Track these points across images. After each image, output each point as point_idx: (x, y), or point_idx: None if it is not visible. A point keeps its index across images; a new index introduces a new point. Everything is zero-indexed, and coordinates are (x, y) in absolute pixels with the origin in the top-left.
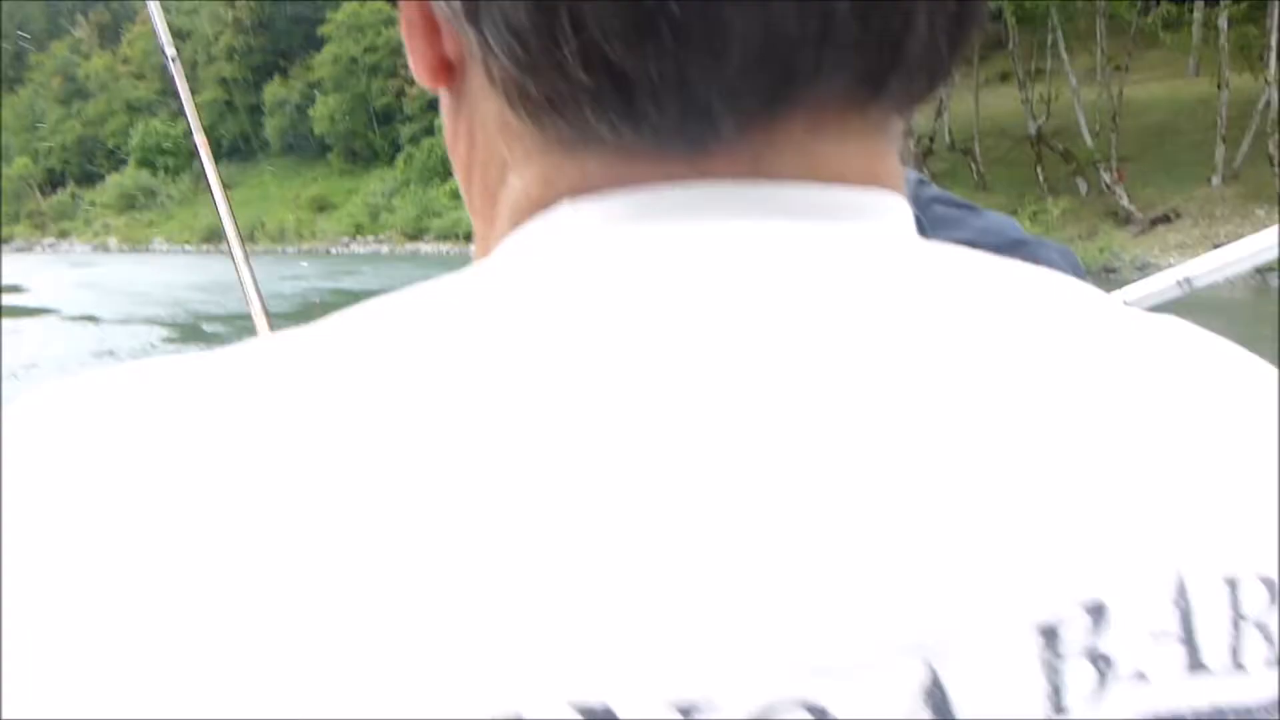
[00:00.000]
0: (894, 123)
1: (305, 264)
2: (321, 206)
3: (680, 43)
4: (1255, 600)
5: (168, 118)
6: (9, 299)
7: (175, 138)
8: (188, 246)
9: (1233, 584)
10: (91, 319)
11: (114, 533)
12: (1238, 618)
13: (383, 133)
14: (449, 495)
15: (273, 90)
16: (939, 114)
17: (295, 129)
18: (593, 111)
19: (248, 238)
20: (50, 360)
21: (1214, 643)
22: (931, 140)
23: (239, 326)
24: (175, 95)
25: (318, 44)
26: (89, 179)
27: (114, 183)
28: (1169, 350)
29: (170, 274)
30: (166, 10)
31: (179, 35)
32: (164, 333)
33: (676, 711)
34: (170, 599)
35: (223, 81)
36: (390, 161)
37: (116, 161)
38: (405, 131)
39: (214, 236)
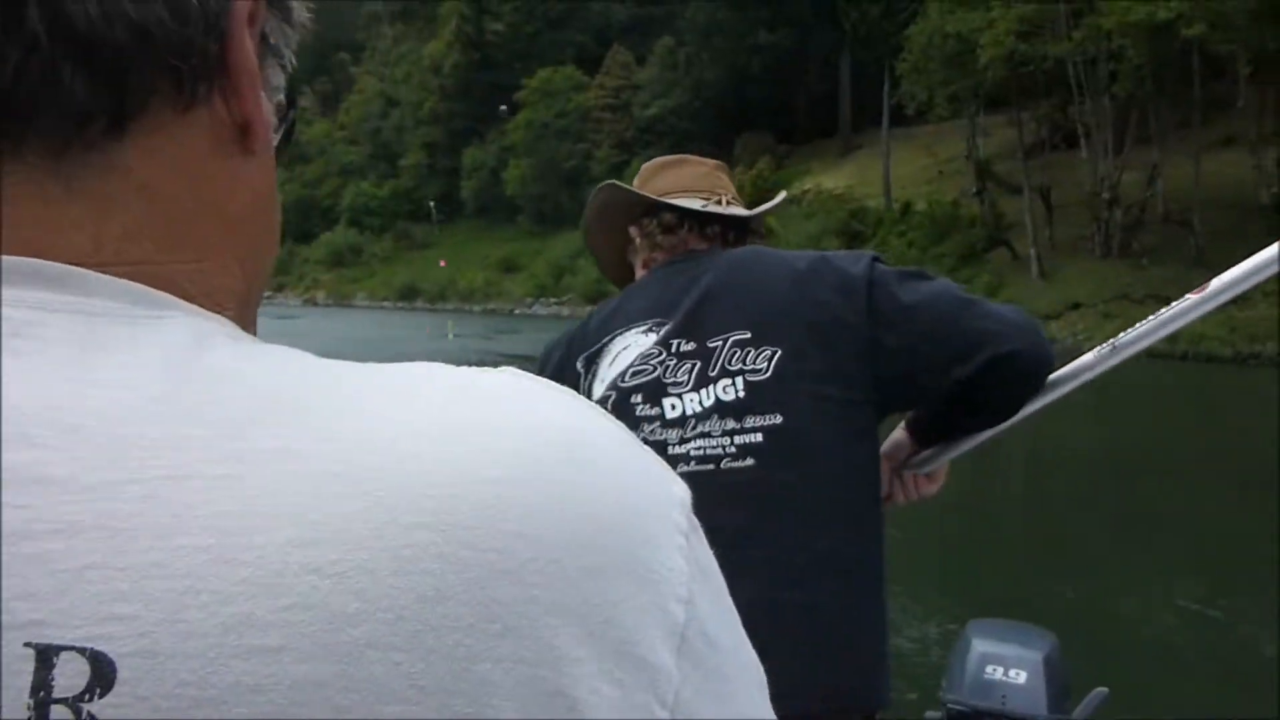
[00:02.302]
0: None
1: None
2: (509, 267)
3: None
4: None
5: (376, 180)
6: None
7: (382, 199)
8: (385, 302)
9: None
10: None
11: None
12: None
13: (570, 195)
14: None
15: (471, 154)
16: (1152, 181)
17: (489, 191)
18: None
19: (439, 296)
20: None
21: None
22: (1142, 210)
23: None
24: (384, 159)
25: (513, 109)
26: (305, 237)
27: (325, 240)
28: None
29: (363, 329)
30: (377, 78)
31: (390, 103)
32: None
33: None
34: None
35: (426, 146)
36: (576, 224)
37: (329, 221)
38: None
39: (410, 294)
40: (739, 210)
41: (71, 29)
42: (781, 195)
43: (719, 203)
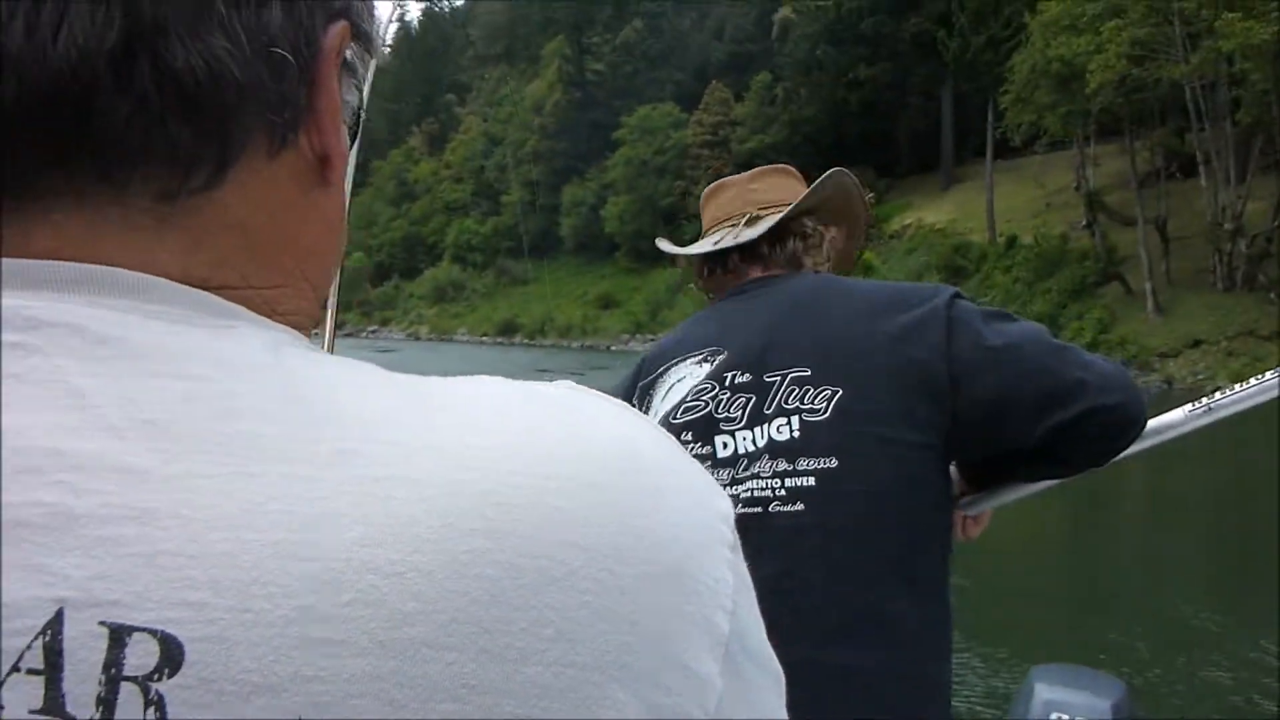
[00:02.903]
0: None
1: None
2: (606, 304)
3: None
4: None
5: (479, 218)
6: None
7: (484, 235)
8: (485, 338)
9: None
10: None
11: None
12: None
13: (667, 232)
14: None
15: (570, 191)
16: (1279, 210)
17: (588, 228)
18: None
19: (538, 331)
20: None
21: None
22: (1269, 241)
23: None
24: (487, 196)
25: (613, 147)
26: (410, 273)
27: (429, 276)
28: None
29: (459, 363)
30: (482, 118)
31: (493, 141)
32: None
33: None
34: None
35: (528, 184)
36: (674, 261)
37: (434, 257)
38: (689, 230)
39: (509, 329)
40: (751, 232)
41: (180, 86)
42: (811, 189)
43: (749, 220)
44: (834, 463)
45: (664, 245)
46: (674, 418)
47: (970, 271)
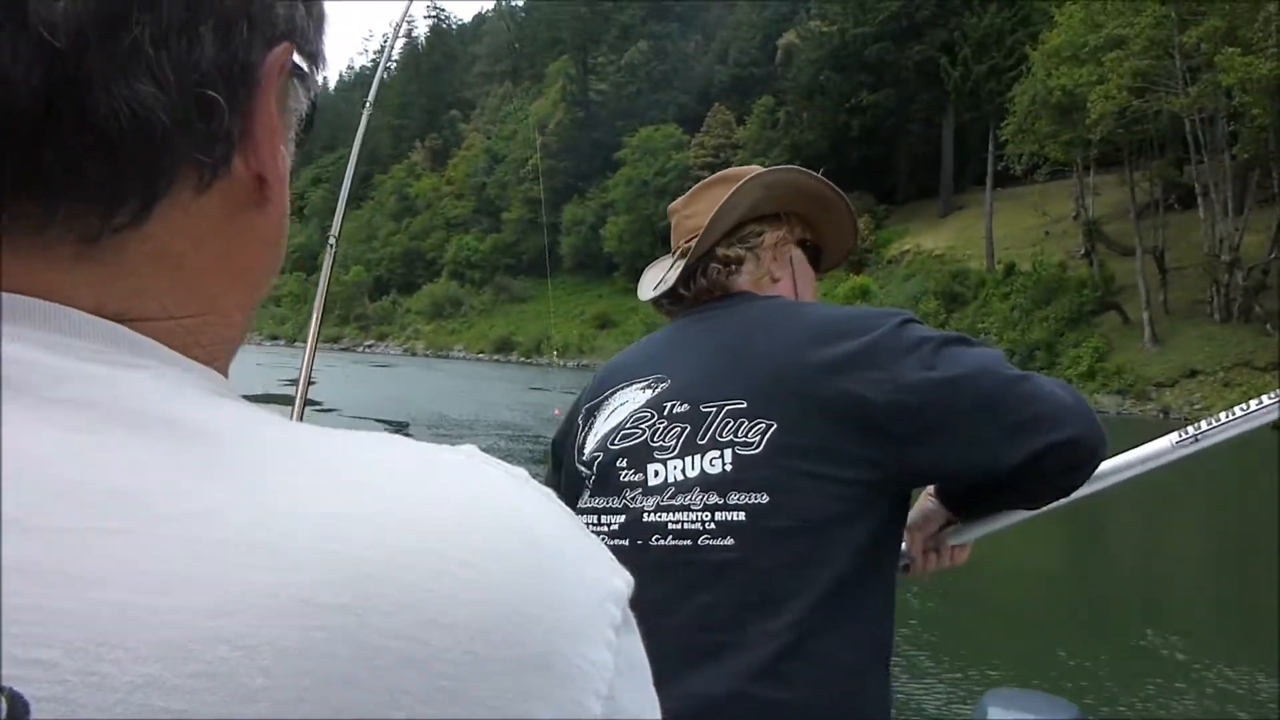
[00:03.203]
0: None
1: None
2: (603, 323)
3: None
4: None
5: (479, 234)
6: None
7: (484, 252)
8: (481, 355)
9: None
10: (330, 411)
11: None
12: None
13: (665, 253)
14: None
15: (570, 210)
16: (1276, 242)
17: (587, 248)
18: None
19: (534, 349)
20: None
21: None
22: (1265, 273)
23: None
24: (488, 213)
25: (614, 167)
26: (409, 288)
27: (427, 292)
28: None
29: (455, 380)
30: (485, 135)
31: (496, 158)
32: (374, 428)
33: None
34: None
35: (528, 201)
36: None
37: (432, 273)
38: None
39: (505, 347)
40: (674, 273)
41: (103, 133)
42: (728, 199)
43: (681, 254)
44: (765, 498)
45: (643, 295)
46: (612, 443)
47: (968, 298)
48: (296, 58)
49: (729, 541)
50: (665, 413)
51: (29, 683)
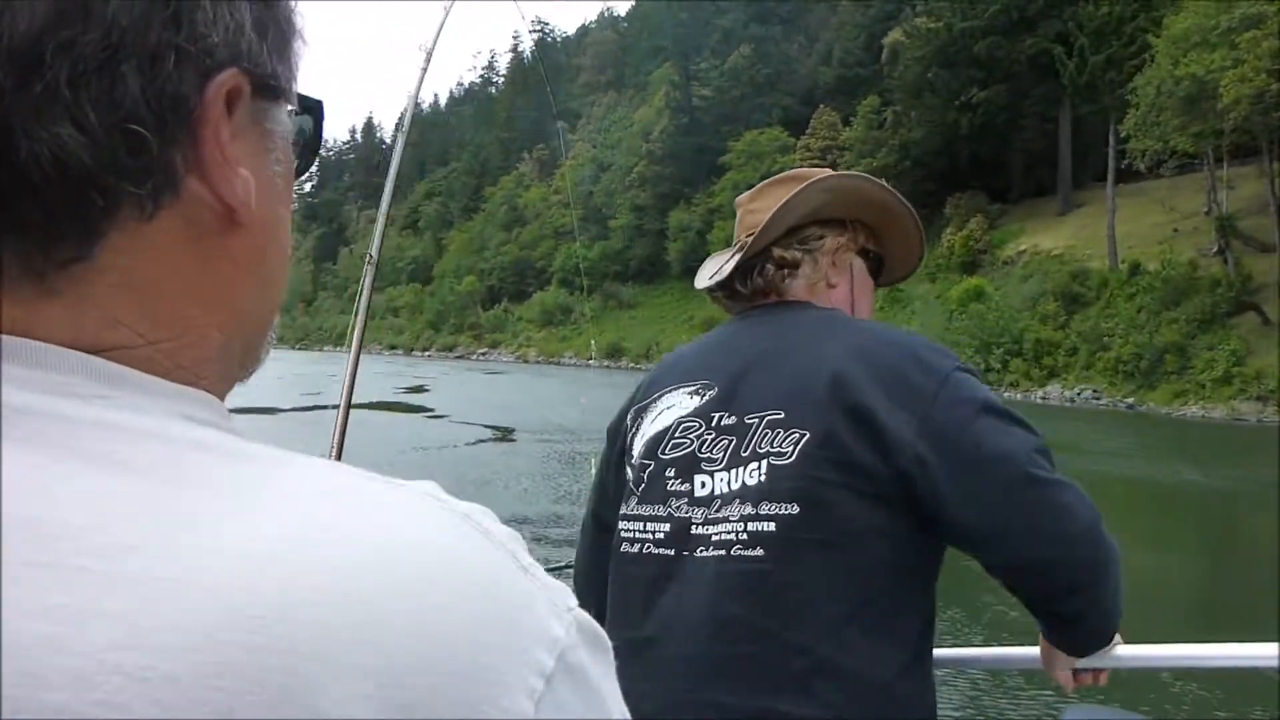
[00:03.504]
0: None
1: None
2: (711, 329)
3: None
4: None
5: (586, 242)
6: (411, 397)
7: (592, 260)
8: (591, 361)
9: None
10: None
11: None
12: None
13: None
14: None
15: (677, 216)
16: None
17: (695, 254)
18: None
19: (643, 355)
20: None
21: None
22: None
23: (543, 438)
24: (595, 221)
25: (719, 172)
26: (520, 296)
27: (538, 300)
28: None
29: (566, 385)
30: (591, 144)
31: (602, 167)
32: (483, 434)
33: None
34: None
35: (635, 209)
36: None
37: (542, 281)
38: None
39: (615, 353)
40: (733, 262)
41: (25, 178)
42: (797, 193)
43: (740, 249)
44: (795, 509)
45: (702, 287)
46: (661, 451)
47: (1090, 299)
48: (247, 81)
49: (759, 552)
50: (713, 424)
51: None
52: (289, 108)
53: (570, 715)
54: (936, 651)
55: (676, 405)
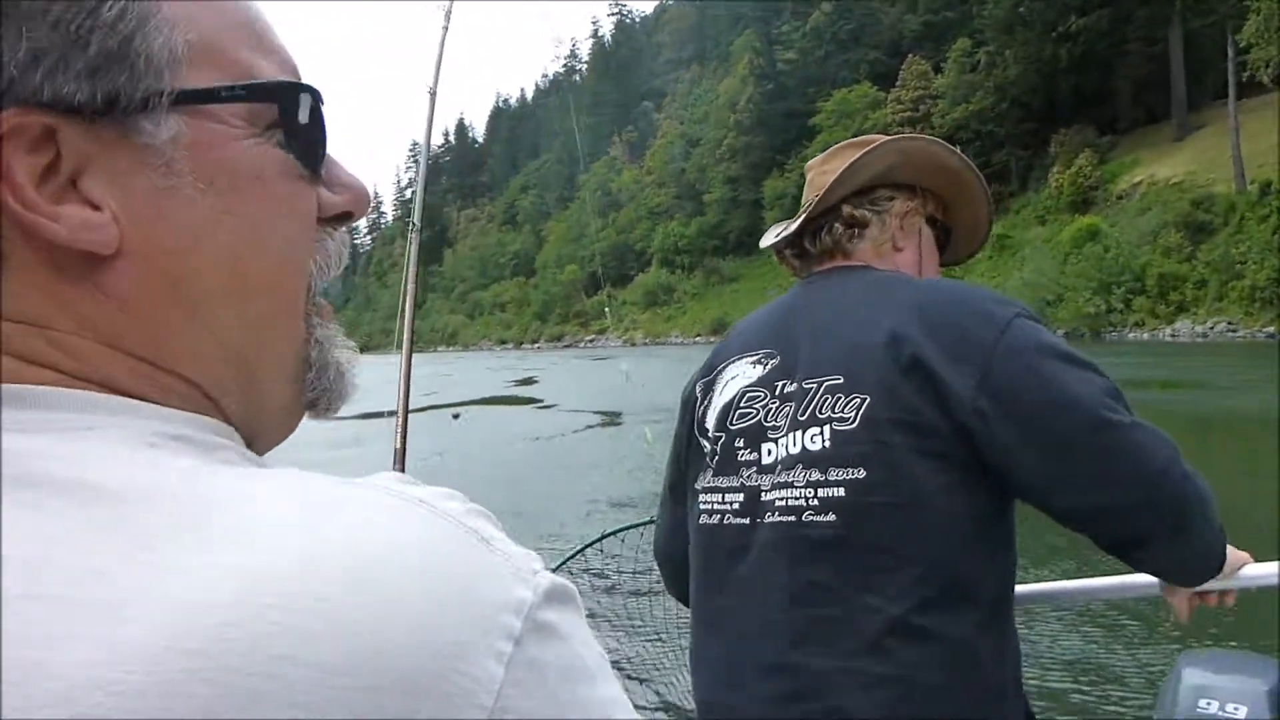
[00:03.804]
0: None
1: None
2: None
3: None
4: None
5: (683, 220)
6: (522, 390)
7: (690, 237)
8: (698, 338)
9: None
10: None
11: None
12: None
13: None
14: None
15: (771, 184)
16: None
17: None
18: None
19: None
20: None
21: None
22: None
23: (648, 420)
24: (689, 198)
25: (810, 135)
26: (621, 280)
27: (639, 282)
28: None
29: (674, 365)
30: (678, 121)
31: (691, 143)
32: (590, 420)
33: None
34: None
35: (728, 180)
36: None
37: (642, 263)
38: None
39: (721, 328)
40: (795, 222)
41: None
42: (851, 163)
43: (806, 209)
44: (862, 473)
45: (767, 241)
46: (730, 423)
47: (1216, 226)
48: (43, 114)
49: (831, 518)
50: (776, 392)
51: None
52: (197, 109)
53: (542, 670)
54: (1043, 586)
55: (740, 375)
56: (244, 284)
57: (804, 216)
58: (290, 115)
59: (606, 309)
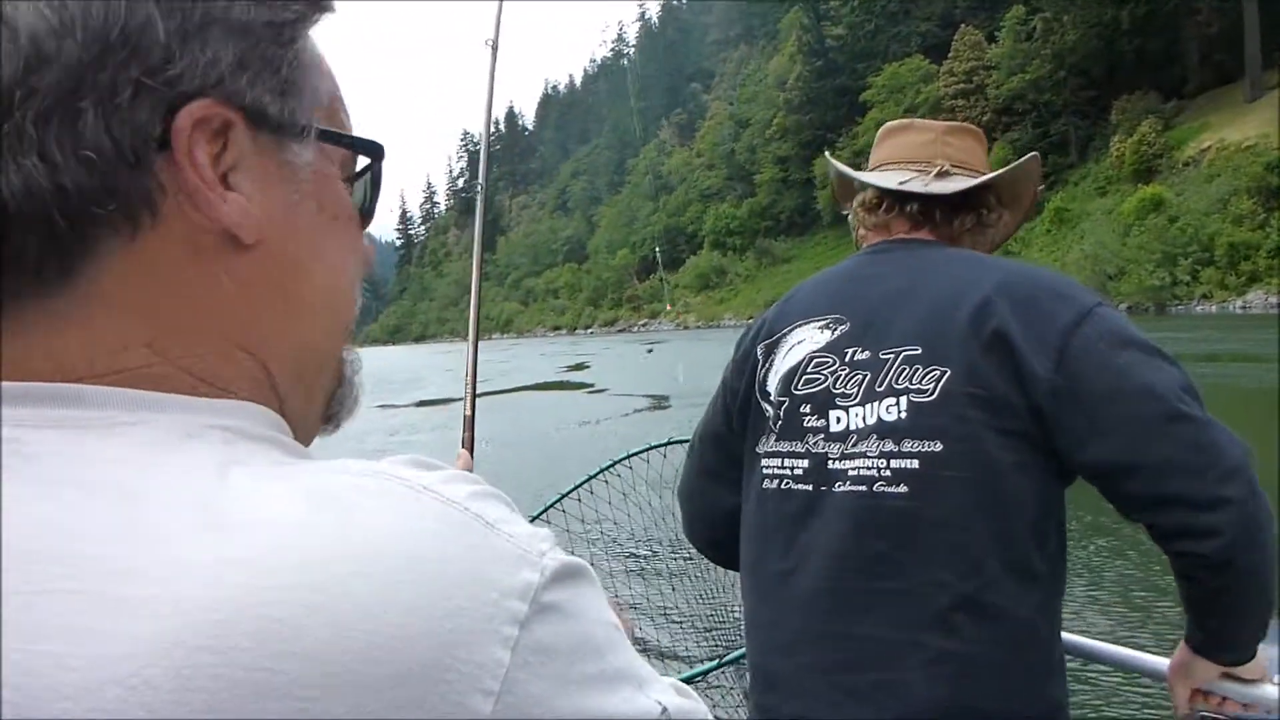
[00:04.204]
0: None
1: None
2: None
3: None
4: None
5: (734, 201)
6: (574, 375)
7: (741, 218)
8: (751, 320)
9: None
10: (600, 392)
11: None
12: None
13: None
14: None
15: (821, 163)
16: None
17: None
18: None
19: None
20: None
21: None
22: None
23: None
24: (740, 179)
25: (861, 111)
26: (673, 264)
27: (691, 265)
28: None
29: (714, 351)
30: (727, 102)
31: (741, 124)
32: (639, 404)
33: None
34: None
35: (779, 161)
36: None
37: (694, 246)
38: None
39: None
40: (942, 186)
41: (5, 207)
42: (1013, 165)
43: (940, 174)
44: (938, 446)
45: (835, 163)
46: (795, 387)
47: None
48: (233, 111)
49: (903, 489)
50: (846, 359)
51: None
52: (322, 146)
53: (550, 652)
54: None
55: (807, 340)
56: (327, 300)
57: (962, 185)
58: (374, 171)
59: (667, 298)
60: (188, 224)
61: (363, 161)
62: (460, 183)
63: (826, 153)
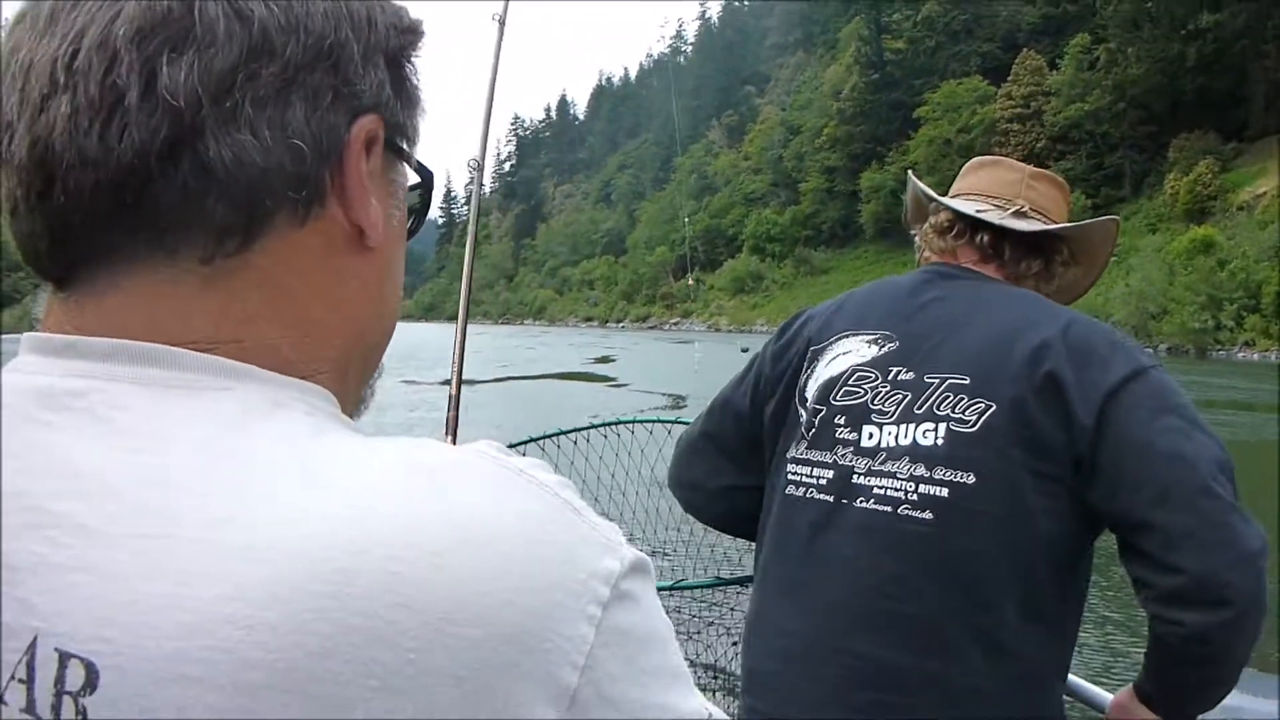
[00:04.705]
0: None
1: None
2: None
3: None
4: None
5: (777, 208)
6: (598, 367)
7: (783, 225)
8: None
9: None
10: (621, 386)
11: None
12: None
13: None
14: None
15: (869, 176)
16: None
17: (889, 214)
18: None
19: None
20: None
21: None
22: None
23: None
24: (785, 186)
25: (913, 127)
26: (711, 265)
27: (729, 268)
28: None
29: (741, 355)
30: (779, 107)
31: (791, 130)
32: (658, 401)
33: None
34: None
35: (826, 170)
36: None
37: (734, 249)
38: None
39: None
40: (1017, 223)
41: (212, 173)
42: (1090, 221)
43: (1017, 213)
44: (970, 479)
45: (916, 181)
46: (834, 398)
47: None
48: (382, 129)
49: (928, 515)
50: (889, 377)
51: (99, 655)
52: (408, 169)
53: (625, 635)
54: None
55: (853, 352)
56: (390, 308)
57: (1046, 228)
58: (427, 200)
59: (701, 297)
60: (333, 221)
61: (413, 177)
62: (506, 166)
63: (910, 172)
